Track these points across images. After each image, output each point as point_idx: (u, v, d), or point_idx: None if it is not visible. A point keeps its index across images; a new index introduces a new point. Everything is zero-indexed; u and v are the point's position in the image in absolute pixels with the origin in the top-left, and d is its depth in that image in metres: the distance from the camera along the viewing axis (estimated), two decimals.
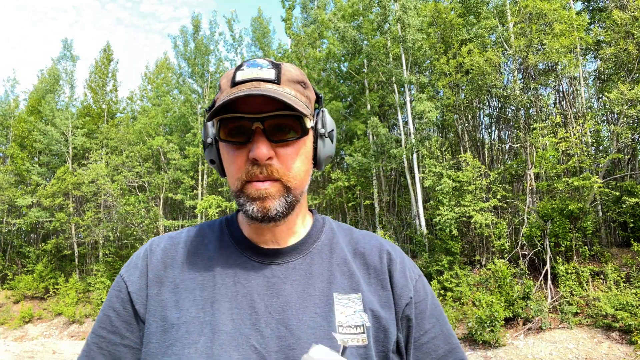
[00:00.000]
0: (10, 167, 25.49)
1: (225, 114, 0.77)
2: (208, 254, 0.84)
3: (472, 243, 14.65)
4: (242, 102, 0.77)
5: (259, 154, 0.74)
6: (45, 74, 28.88)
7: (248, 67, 0.80)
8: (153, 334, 0.76)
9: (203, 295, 0.78)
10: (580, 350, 9.61)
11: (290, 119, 0.78)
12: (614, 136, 12.73)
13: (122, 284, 0.84)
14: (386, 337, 0.77)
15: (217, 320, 0.74)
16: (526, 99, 14.03)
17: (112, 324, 0.81)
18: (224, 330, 0.73)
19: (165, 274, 0.82)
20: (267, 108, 0.76)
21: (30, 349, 16.35)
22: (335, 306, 0.77)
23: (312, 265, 0.82)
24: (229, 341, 0.72)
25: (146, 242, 0.91)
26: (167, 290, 0.80)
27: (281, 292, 0.78)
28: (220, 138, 0.80)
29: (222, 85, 0.83)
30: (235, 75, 0.79)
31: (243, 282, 0.79)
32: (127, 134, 23.48)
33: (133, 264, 0.86)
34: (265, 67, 0.80)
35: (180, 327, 0.75)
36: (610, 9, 14.60)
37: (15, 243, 25.53)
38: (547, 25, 13.46)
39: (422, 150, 15.11)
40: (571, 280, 11.22)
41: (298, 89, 0.81)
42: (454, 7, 17.36)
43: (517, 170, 15.02)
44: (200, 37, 25.21)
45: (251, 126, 0.76)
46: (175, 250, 0.86)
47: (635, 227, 12.09)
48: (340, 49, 18.80)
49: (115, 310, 0.82)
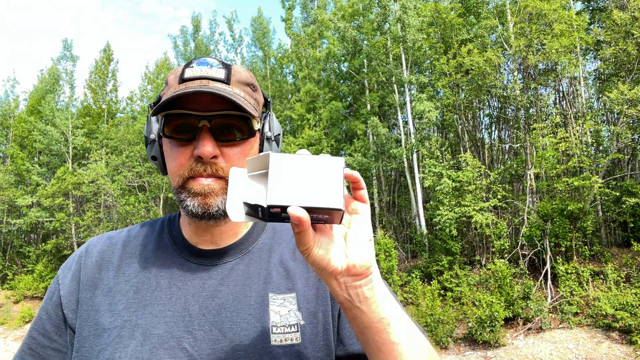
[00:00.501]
0: (10, 167, 25.49)
1: (172, 110, 0.76)
2: (145, 255, 0.82)
3: (472, 243, 14.65)
4: (189, 99, 0.75)
5: (204, 152, 0.73)
6: (45, 74, 28.88)
7: (198, 65, 0.79)
8: (85, 339, 0.75)
9: (136, 298, 0.76)
10: (580, 350, 9.61)
11: (238, 120, 0.77)
12: (614, 136, 12.73)
13: (56, 285, 0.83)
14: (326, 330, 0.76)
15: (149, 324, 0.73)
16: (526, 99, 14.02)
17: (43, 326, 0.80)
18: (155, 333, 0.72)
19: (100, 276, 0.81)
20: (215, 107, 0.75)
21: None
22: (270, 306, 0.76)
23: (249, 265, 0.81)
24: (160, 344, 0.71)
25: (85, 242, 0.90)
26: (100, 294, 0.78)
27: (217, 294, 0.76)
28: (165, 134, 0.78)
29: (169, 81, 0.81)
30: (184, 72, 0.78)
31: (179, 284, 0.77)
32: (127, 134, 23.47)
33: (68, 266, 0.85)
34: (215, 66, 0.79)
35: (112, 332, 0.73)
36: (610, 9, 14.60)
37: (15, 243, 25.53)
38: (547, 25, 13.45)
39: (422, 150, 15.11)
40: (571, 280, 11.22)
41: (247, 91, 0.81)
42: (454, 7, 17.36)
43: (517, 170, 15.01)
44: (200, 37, 25.22)
45: (198, 124, 0.75)
46: (112, 251, 0.84)
47: (635, 227, 12.08)
48: (340, 49, 18.80)
49: (47, 312, 0.81)
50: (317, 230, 0.54)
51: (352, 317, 0.58)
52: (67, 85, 27.79)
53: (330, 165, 0.51)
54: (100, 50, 31.00)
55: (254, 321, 0.74)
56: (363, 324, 0.57)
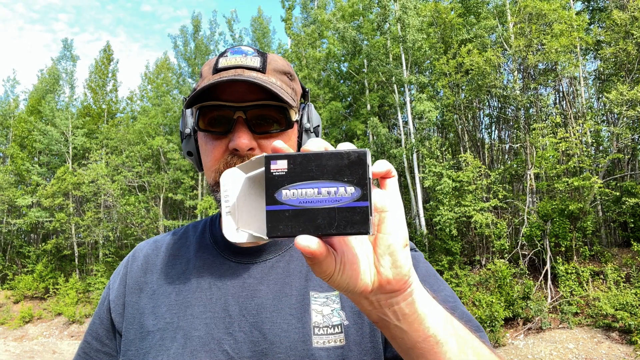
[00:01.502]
0: (10, 167, 25.50)
1: (206, 102, 0.73)
2: (187, 256, 0.81)
3: (472, 243, 14.65)
4: (224, 89, 0.73)
5: (240, 144, 0.70)
6: (45, 74, 28.88)
7: (232, 54, 0.76)
8: (131, 342, 0.74)
9: (178, 300, 0.75)
10: (580, 350, 9.61)
11: (275, 110, 0.74)
12: (614, 136, 12.74)
13: (107, 290, 0.84)
14: (373, 331, 0.71)
15: (190, 326, 0.72)
16: (526, 99, 14.02)
17: (97, 331, 0.81)
18: (196, 335, 0.71)
19: (145, 280, 0.80)
20: (251, 97, 0.72)
21: (30, 349, 16.35)
22: (312, 306, 0.72)
23: (290, 262, 0.78)
24: (200, 346, 0.70)
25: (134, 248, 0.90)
26: (145, 297, 0.78)
27: (256, 294, 0.74)
28: (199, 127, 0.75)
29: (203, 72, 0.78)
30: (218, 61, 0.75)
31: (218, 285, 0.75)
32: (127, 134, 23.48)
33: (117, 271, 0.86)
34: (250, 55, 0.76)
35: (156, 334, 0.72)
36: (610, 9, 14.60)
37: (15, 243, 25.53)
38: (546, 25, 13.46)
39: (422, 150, 15.11)
40: (571, 280, 11.22)
41: (284, 80, 0.78)
42: (454, 7, 17.36)
43: (517, 170, 15.01)
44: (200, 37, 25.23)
45: (233, 115, 0.72)
46: (156, 254, 0.84)
47: (635, 227, 12.08)
48: (340, 49, 18.80)
49: (100, 317, 0.82)
50: (337, 246, 0.43)
51: (391, 337, 0.48)
52: (67, 85, 27.80)
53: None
54: (100, 50, 31.03)
55: (294, 321, 0.71)
56: (406, 345, 0.48)
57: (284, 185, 0.41)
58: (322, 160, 0.41)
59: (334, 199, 0.40)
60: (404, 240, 0.44)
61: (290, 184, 0.41)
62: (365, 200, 0.40)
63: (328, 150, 0.42)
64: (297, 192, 0.40)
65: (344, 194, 0.40)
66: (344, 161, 0.41)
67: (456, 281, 12.62)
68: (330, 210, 0.40)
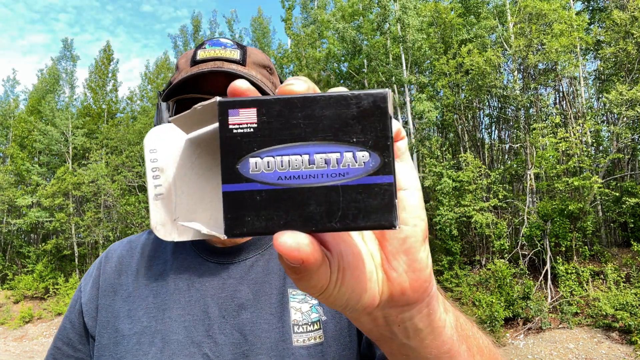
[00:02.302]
0: (10, 167, 25.49)
1: (184, 95, 0.70)
2: (164, 257, 0.78)
3: (472, 243, 14.65)
4: (203, 82, 0.70)
5: None
6: (45, 74, 28.88)
7: (211, 45, 0.73)
8: (105, 347, 0.71)
9: (156, 303, 0.72)
10: (580, 350, 9.61)
11: None
12: (614, 136, 12.74)
13: (78, 293, 0.81)
14: (351, 325, 0.69)
15: (168, 329, 0.69)
16: (526, 99, 14.02)
17: (68, 336, 0.78)
18: (174, 339, 0.68)
19: (119, 282, 0.77)
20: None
21: (30, 349, 16.35)
22: (290, 303, 0.70)
23: (270, 261, 0.76)
24: (179, 350, 0.67)
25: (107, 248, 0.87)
26: (120, 300, 0.75)
27: (236, 294, 0.71)
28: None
29: (180, 64, 0.76)
30: (196, 53, 0.73)
31: (197, 286, 0.73)
32: (127, 134, 23.48)
33: (89, 273, 0.82)
34: (229, 47, 0.73)
35: (132, 338, 0.70)
36: (610, 9, 14.60)
37: (15, 243, 25.52)
38: (546, 25, 13.46)
39: (422, 150, 15.11)
40: (571, 280, 11.22)
41: (264, 74, 0.76)
42: (454, 7, 17.36)
43: (517, 170, 15.01)
44: (200, 37, 25.22)
45: None
46: (131, 255, 0.81)
47: (635, 227, 12.08)
48: (340, 49, 18.80)
49: (71, 321, 0.78)
50: (331, 244, 0.29)
51: (390, 353, 0.38)
52: (67, 85, 27.80)
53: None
54: (100, 50, 31.02)
55: (275, 321, 0.69)
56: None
57: (253, 150, 0.26)
58: (316, 107, 0.26)
59: (336, 172, 0.25)
60: (424, 233, 0.31)
61: (263, 149, 0.26)
62: (388, 174, 0.25)
63: (322, 93, 0.26)
64: (275, 162, 0.25)
65: (352, 164, 0.25)
66: (352, 110, 0.25)
67: (456, 281, 12.63)
68: (330, 190, 0.25)
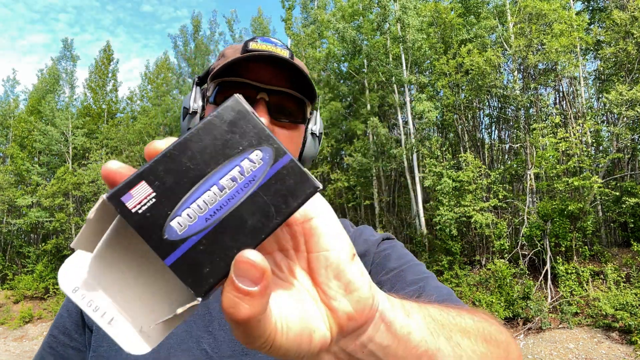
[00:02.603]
0: (10, 167, 25.49)
1: (231, 77, 0.71)
2: None
3: (472, 243, 14.64)
4: (251, 69, 0.72)
5: None
6: (45, 74, 28.88)
7: (262, 41, 0.75)
8: (104, 338, 0.70)
9: None
10: (580, 350, 9.61)
11: (294, 103, 0.74)
12: (614, 136, 12.74)
13: None
14: None
15: None
16: (526, 99, 14.02)
17: (64, 324, 0.77)
18: (173, 332, 0.67)
19: None
20: (276, 83, 0.72)
21: (30, 349, 16.34)
22: None
23: None
24: (177, 344, 0.66)
25: None
26: None
27: None
28: (216, 102, 0.73)
29: (227, 53, 0.77)
30: (247, 44, 0.74)
31: None
32: (127, 134, 23.49)
33: None
34: (279, 46, 0.75)
35: None
36: (610, 9, 14.60)
37: (15, 243, 25.52)
38: (546, 25, 13.46)
39: (422, 150, 15.11)
40: (571, 280, 11.22)
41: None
42: (454, 7, 17.36)
43: (517, 170, 15.01)
44: (200, 37, 25.23)
45: (255, 95, 0.71)
46: None
47: (635, 227, 12.08)
48: (340, 49, 18.80)
49: (68, 310, 0.78)
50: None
51: None
52: (67, 85, 27.80)
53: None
54: (100, 50, 31.02)
55: None
56: None
57: (167, 214, 0.26)
58: (192, 145, 0.26)
59: (247, 181, 0.27)
60: (347, 252, 0.30)
61: (175, 207, 0.26)
62: (284, 155, 0.27)
63: (188, 133, 0.27)
64: (193, 210, 0.26)
65: (253, 167, 0.27)
66: (222, 127, 0.27)
67: (456, 281, 12.62)
68: (253, 198, 0.26)
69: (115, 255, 0.28)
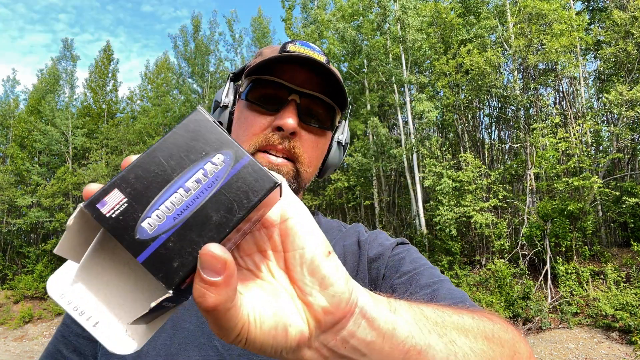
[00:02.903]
0: (10, 167, 25.49)
1: (266, 76, 0.73)
2: None
3: (472, 243, 14.64)
4: (286, 71, 0.73)
5: (287, 124, 0.69)
6: (45, 74, 28.88)
7: (300, 44, 0.76)
8: None
9: None
10: (580, 350, 9.60)
11: (324, 108, 0.75)
12: (614, 136, 12.74)
13: None
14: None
15: (180, 317, 0.69)
16: (526, 99, 14.02)
17: None
18: (185, 327, 0.68)
19: None
20: (309, 87, 0.73)
21: (30, 349, 16.34)
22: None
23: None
24: (189, 339, 0.67)
25: None
26: None
27: None
28: (248, 98, 0.74)
29: (264, 52, 0.78)
30: (286, 45, 0.76)
31: None
32: (127, 134, 23.49)
33: None
34: (317, 51, 0.76)
35: None
36: (610, 9, 14.60)
37: (15, 243, 25.52)
38: (546, 25, 13.46)
39: (422, 150, 15.11)
40: (571, 280, 11.22)
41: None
42: (454, 7, 17.36)
43: (517, 170, 15.01)
44: (200, 37, 25.22)
45: (287, 96, 0.72)
46: None
47: (635, 227, 12.08)
48: (340, 49, 18.80)
49: None
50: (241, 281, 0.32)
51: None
52: (67, 85, 27.79)
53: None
54: (100, 50, 31.02)
55: None
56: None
57: (138, 217, 0.28)
58: (160, 154, 0.29)
59: (210, 182, 0.29)
60: (324, 248, 0.32)
61: (145, 210, 0.28)
62: (243, 157, 0.30)
63: (155, 143, 0.30)
64: (162, 211, 0.28)
65: (216, 169, 0.30)
66: (185, 135, 0.30)
67: (456, 281, 12.62)
68: (216, 196, 0.29)
69: (101, 262, 0.30)
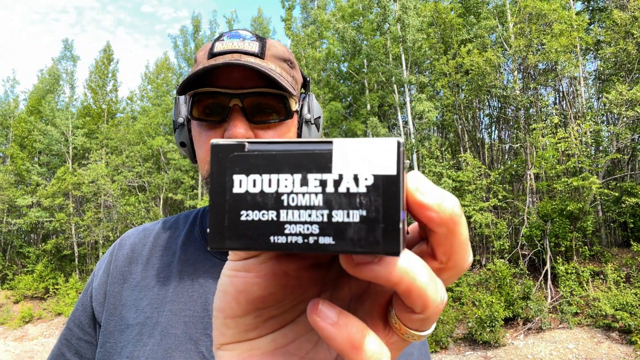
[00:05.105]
0: (10, 167, 25.49)
1: (200, 88, 0.68)
2: (174, 248, 0.76)
3: (472, 243, 14.65)
4: (220, 75, 0.68)
5: (235, 134, 0.65)
6: (46, 74, 28.88)
7: (229, 37, 0.71)
8: (111, 334, 0.71)
9: (159, 294, 0.71)
10: (580, 350, 9.61)
11: (273, 99, 0.70)
12: (614, 136, 12.74)
13: (92, 278, 0.80)
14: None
15: (168, 322, 0.68)
16: (526, 99, 14.02)
17: (79, 318, 0.77)
18: (172, 333, 0.67)
19: (130, 270, 0.76)
20: (248, 84, 0.68)
21: (30, 349, 16.34)
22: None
23: None
24: (176, 345, 0.66)
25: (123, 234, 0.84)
26: (128, 288, 0.74)
27: None
28: (192, 116, 0.70)
29: (198, 58, 0.74)
30: (213, 46, 0.71)
31: (201, 281, 0.71)
32: (127, 134, 23.48)
33: (103, 259, 0.81)
34: (248, 39, 0.71)
35: (135, 328, 0.69)
36: (610, 9, 14.60)
37: (15, 243, 25.51)
38: (546, 25, 13.46)
39: (422, 150, 15.12)
40: (571, 280, 11.22)
41: (284, 67, 0.73)
42: (454, 7, 17.36)
43: (517, 170, 15.01)
44: (200, 37, 25.23)
45: (229, 103, 0.68)
46: (144, 244, 0.79)
47: (635, 227, 12.08)
48: (340, 49, 18.80)
49: (83, 304, 0.78)
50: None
51: None
52: (67, 85, 27.80)
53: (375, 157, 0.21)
54: (100, 50, 31.02)
55: None
56: None
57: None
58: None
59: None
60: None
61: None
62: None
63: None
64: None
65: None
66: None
67: (456, 281, 12.62)
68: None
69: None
